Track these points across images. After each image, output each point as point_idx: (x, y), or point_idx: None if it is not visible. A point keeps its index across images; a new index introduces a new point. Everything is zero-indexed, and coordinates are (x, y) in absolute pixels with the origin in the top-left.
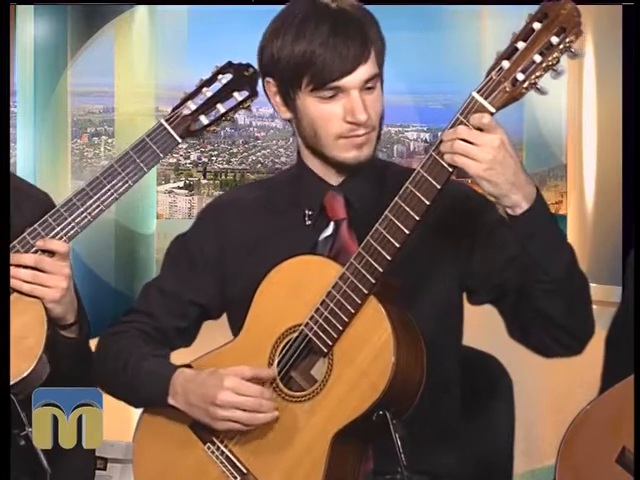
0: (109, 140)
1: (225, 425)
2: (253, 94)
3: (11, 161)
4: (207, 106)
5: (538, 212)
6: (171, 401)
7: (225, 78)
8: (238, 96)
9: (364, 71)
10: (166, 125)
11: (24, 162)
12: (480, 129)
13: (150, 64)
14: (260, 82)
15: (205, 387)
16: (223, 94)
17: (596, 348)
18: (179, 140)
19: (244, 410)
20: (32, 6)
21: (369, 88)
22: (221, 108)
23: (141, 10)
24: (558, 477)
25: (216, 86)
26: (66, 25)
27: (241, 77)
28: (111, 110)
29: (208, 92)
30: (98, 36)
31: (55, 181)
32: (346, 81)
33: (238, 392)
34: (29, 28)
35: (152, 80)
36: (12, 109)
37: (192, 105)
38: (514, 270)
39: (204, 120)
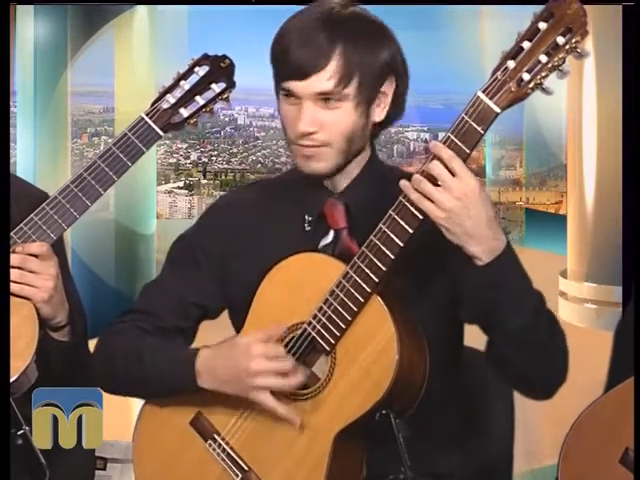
0: (109, 140)
1: (260, 396)
2: (230, 85)
3: (11, 161)
4: (186, 99)
5: (498, 269)
6: (199, 382)
7: (202, 70)
8: (216, 88)
9: (316, 83)
10: (147, 119)
11: (24, 162)
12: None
13: (150, 64)
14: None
15: (233, 360)
16: (201, 86)
17: (597, 348)
18: (161, 134)
19: (278, 375)
20: (32, 6)
21: (327, 101)
22: (200, 100)
23: (141, 10)
24: (561, 478)
25: (193, 78)
26: (66, 25)
27: (218, 69)
28: (111, 110)
29: (186, 85)
30: (98, 36)
31: (55, 181)
32: (296, 87)
33: (269, 356)
34: (29, 28)
35: (152, 80)
36: (12, 109)
37: (171, 98)
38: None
39: (184, 113)
